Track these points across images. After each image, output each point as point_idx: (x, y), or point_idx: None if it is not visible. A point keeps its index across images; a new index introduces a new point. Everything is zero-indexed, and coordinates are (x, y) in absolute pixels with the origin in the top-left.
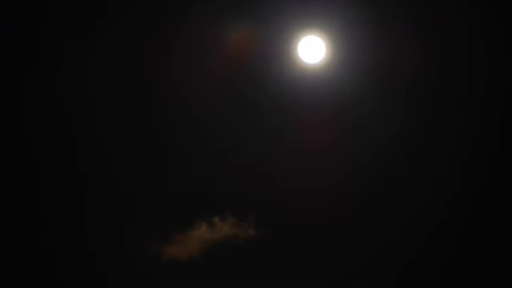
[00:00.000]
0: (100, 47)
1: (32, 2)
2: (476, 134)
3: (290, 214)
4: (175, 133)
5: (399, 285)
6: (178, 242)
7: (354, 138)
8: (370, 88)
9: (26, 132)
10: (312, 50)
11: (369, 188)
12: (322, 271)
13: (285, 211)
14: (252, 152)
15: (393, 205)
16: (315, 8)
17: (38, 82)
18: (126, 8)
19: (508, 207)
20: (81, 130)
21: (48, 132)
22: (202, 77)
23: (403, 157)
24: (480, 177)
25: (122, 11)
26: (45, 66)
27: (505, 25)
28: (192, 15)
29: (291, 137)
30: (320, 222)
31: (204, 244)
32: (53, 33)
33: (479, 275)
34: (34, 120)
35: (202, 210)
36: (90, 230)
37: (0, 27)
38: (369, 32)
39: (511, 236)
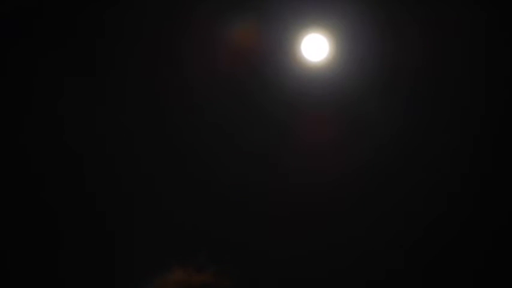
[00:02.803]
0: (100, 47)
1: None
2: (477, 134)
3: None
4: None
5: (398, 284)
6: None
7: (357, 137)
8: (374, 86)
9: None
10: (315, 48)
11: (370, 187)
12: None
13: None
14: (254, 151)
15: (394, 205)
16: (318, 6)
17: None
18: (128, 7)
19: (508, 207)
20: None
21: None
22: (205, 76)
23: (407, 156)
24: (481, 177)
25: (124, 11)
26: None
27: (509, 26)
28: (193, 14)
29: (294, 136)
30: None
31: None
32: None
33: (479, 275)
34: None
35: (180, 254)
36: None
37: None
38: (374, 30)
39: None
